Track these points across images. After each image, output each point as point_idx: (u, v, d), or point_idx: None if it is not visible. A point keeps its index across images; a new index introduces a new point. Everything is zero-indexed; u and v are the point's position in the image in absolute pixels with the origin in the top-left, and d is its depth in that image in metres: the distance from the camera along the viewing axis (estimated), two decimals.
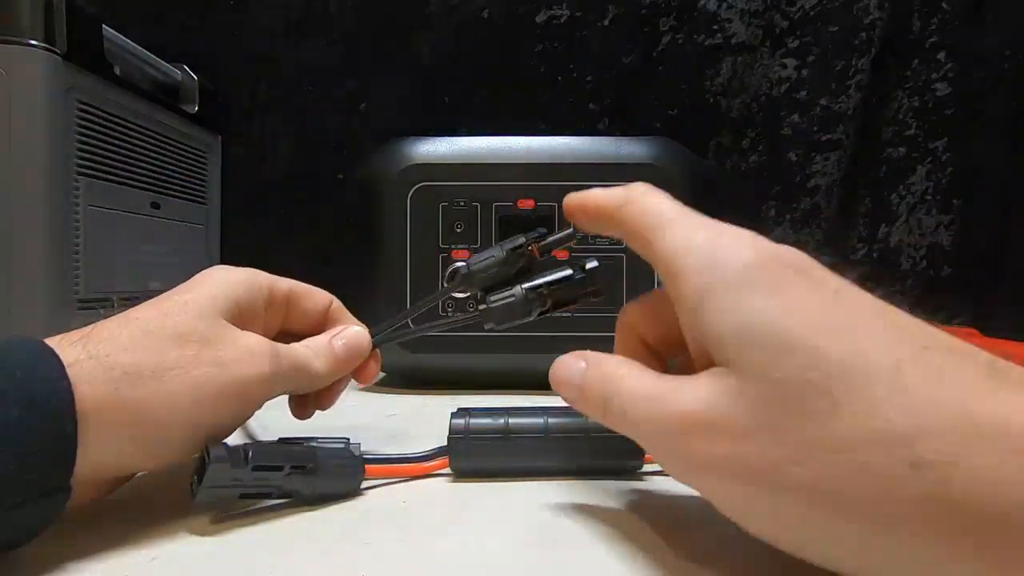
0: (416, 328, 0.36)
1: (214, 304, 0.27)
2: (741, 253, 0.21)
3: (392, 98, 0.76)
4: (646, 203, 0.24)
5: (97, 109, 0.51)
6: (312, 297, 0.33)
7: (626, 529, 0.25)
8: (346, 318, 0.34)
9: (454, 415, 0.31)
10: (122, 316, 0.26)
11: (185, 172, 0.66)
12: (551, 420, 0.31)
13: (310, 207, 0.77)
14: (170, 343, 0.25)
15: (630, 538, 0.24)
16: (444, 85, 0.76)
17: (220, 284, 0.28)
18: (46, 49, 0.46)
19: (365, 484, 0.29)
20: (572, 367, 0.25)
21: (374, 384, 0.57)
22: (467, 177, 0.53)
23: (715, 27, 0.75)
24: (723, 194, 0.74)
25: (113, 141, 0.53)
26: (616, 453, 0.31)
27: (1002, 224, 0.76)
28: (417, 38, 0.76)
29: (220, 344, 0.26)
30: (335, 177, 0.77)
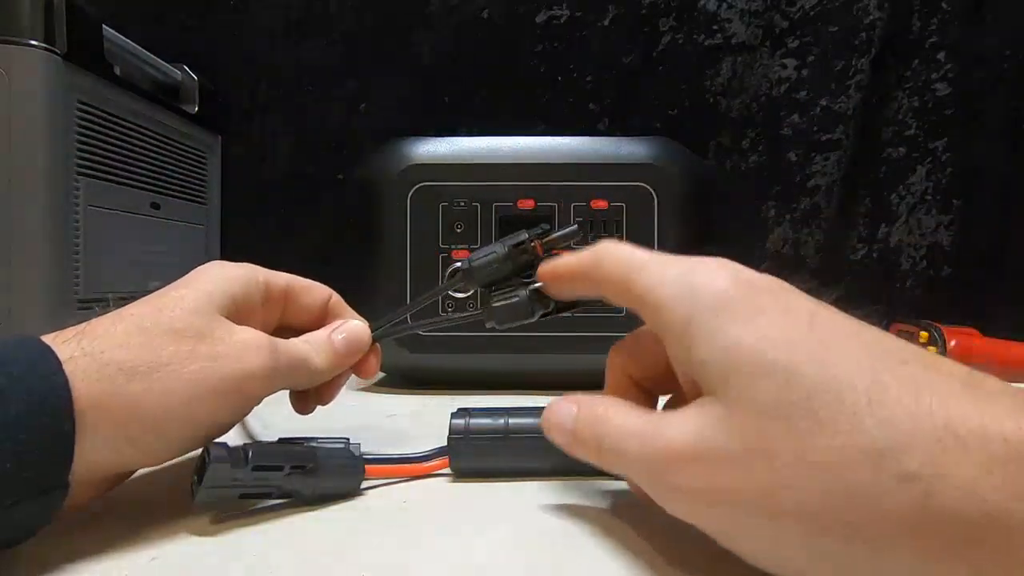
0: (415, 324, 0.36)
1: (210, 300, 0.27)
2: (716, 281, 0.21)
3: (392, 98, 0.76)
4: (618, 254, 0.25)
5: (97, 109, 0.51)
6: (311, 291, 0.32)
7: (626, 529, 0.25)
8: (345, 312, 0.33)
9: (454, 415, 0.31)
10: (116, 313, 0.26)
11: (185, 172, 0.66)
12: None
13: (310, 207, 0.77)
14: (165, 339, 0.25)
15: (629, 538, 0.24)
16: (444, 85, 0.76)
17: (216, 280, 0.28)
18: (46, 49, 0.46)
19: (365, 484, 0.29)
20: (564, 412, 0.25)
21: (374, 384, 0.57)
22: (467, 177, 0.52)
23: (715, 27, 0.75)
24: (723, 194, 0.74)
25: (113, 141, 0.53)
26: None
27: (1002, 224, 0.76)
28: (417, 38, 0.76)
29: (216, 339, 0.26)
30: (335, 177, 0.77)
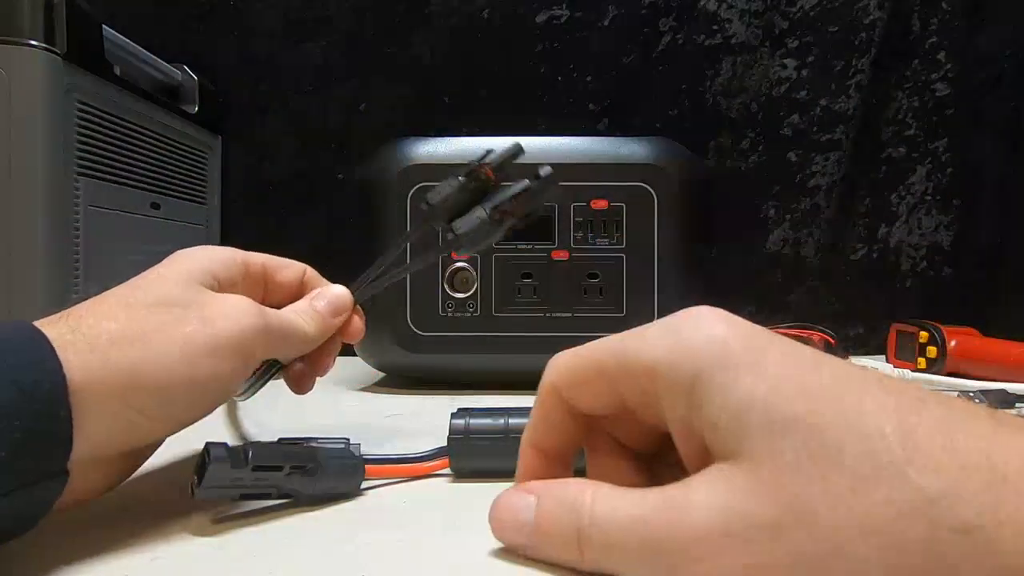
0: (392, 273, 0.36)
1: (191, 275, 0.27)
2: (713, 332, 0.19)
3: (392, 98, 0.76)
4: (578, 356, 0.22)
5: (97, 109, 0.51)
6: (287, 268, 0.33)
7: None
8: (321, 283, 0.34)
9: (454, 415, 0.31)
10: (96, 297, 0.26)
11: (185, 172, 0.66)
12: None
13: (310, 207, 0.77)
14: (151, 310, 0.25)
15: None
16: (444, 85, 0.76)
17: (195, 258, 0.29)
18: (46, 49, 0.46)
19: (365, 484, 0.29)
20: (516, 505, 0.21)
21: (374, 384, 0.57)
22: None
23: (715, 27, 0.75)
24: (723, 194, 0.74)
25: (113, 141, 0.53)
26: None
27: (1002, 224, 0.76)
28: (417, 38, 0.76)
29: (202, 305, 0.26)
30: (335, 177, 0.77)
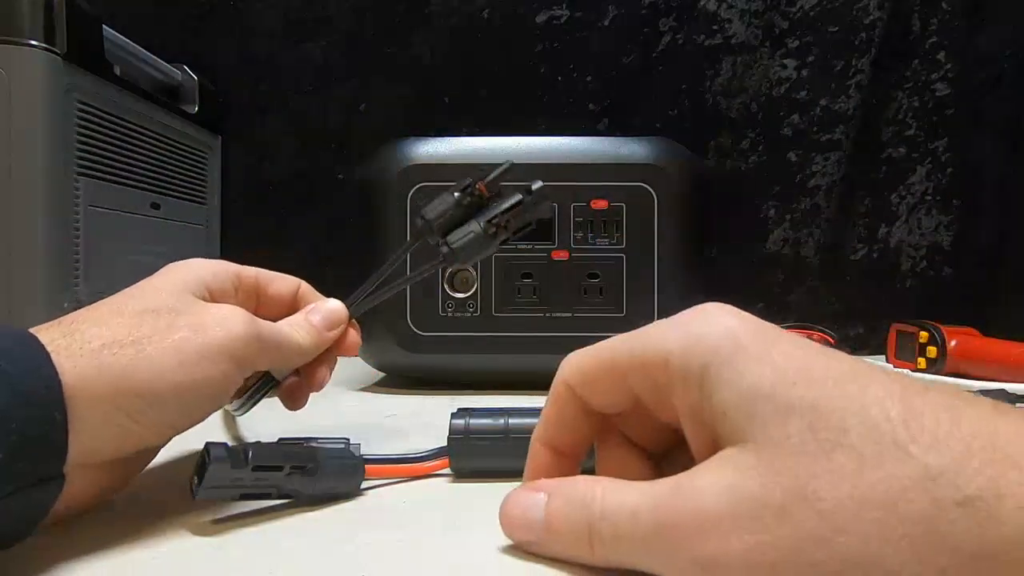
0: (388, 288, 0.36)
1: (184, 285, 0.27)
2: (725, 323, 0.20)
3: (392, 98, 0.76)
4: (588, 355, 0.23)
5: (97, 109, 0.51)
6: (279, 281, 0.33)
7: None
8: (316, 298, 0.34)
9: (454, 415, 0.31)
10: (90, 305, 0.26)
11: (185, 172, 0.66)
12: None
13: (310, 207, 0.77)
14: (143, 317, 0.25)
15: None
16: (444, 85, 0.76)
17: (187, 269, 0.29)
18: (46, 49, 0.46)
19: (365, 484, 0.29)
20: (526, 502, 0.22)
21: (374, 384, 0.57)
22: (467, 177, 0.52)
23: (715, 27, 0.75)
24: (723, 194, 0.74)
25: (113, 141, 0.53)
26: None
27: (1002, 224, 0.76)
28: (417, 38, 0.76)
29: (194, 313, 0.26)
30: (335, 177, 0.77)
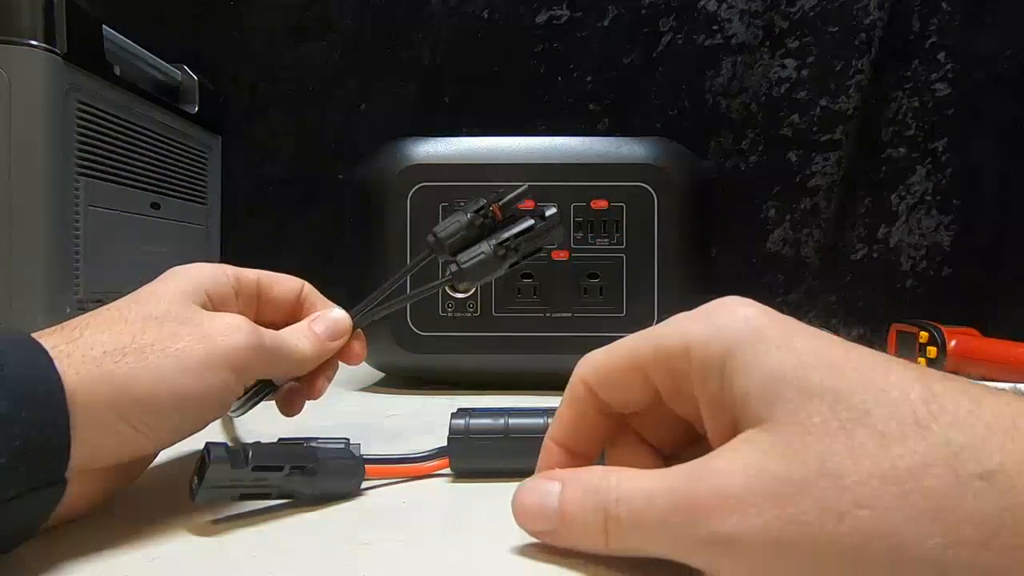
0: (394, 301, 0.36)
1: (185, 294, 0.27)
2: (746, 313, 0.20)
3: (392, 98, 0.76)
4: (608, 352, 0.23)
5: (97, 109, 0.51)
6: (282, 284, 0.33)
7: None
8: (319, 300, 0.34)
9: (454, 415, 0.31)
10: (93, 311, 0.26)
11: (185, 172, 0.66)
12: (551, 420, 0.31)
13: (310, 207, 0.77)
14: (147, 324, 0.25)
15: None
16: (444, 85, 0.76)
17: (189, 276, 0.29)
18: (46, 49, 0.46)
19: (365, 484, 0.29)
20: (542, 491, 0.22)
21: (374, 384, 0.57)
22: (467, 177, 0.52)
23: (715, 27, 0.75)
24: (723, 194, 0.74)
25: (113, 141, 0.53)
26: None
27: (1002, 224, 0.76)
28: (417, 38, 0.76)
29: (197, 323, 0.26)
30: (335, 177, 0.77)
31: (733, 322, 0.20)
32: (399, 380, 0.57)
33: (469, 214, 0.34)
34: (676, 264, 0.53)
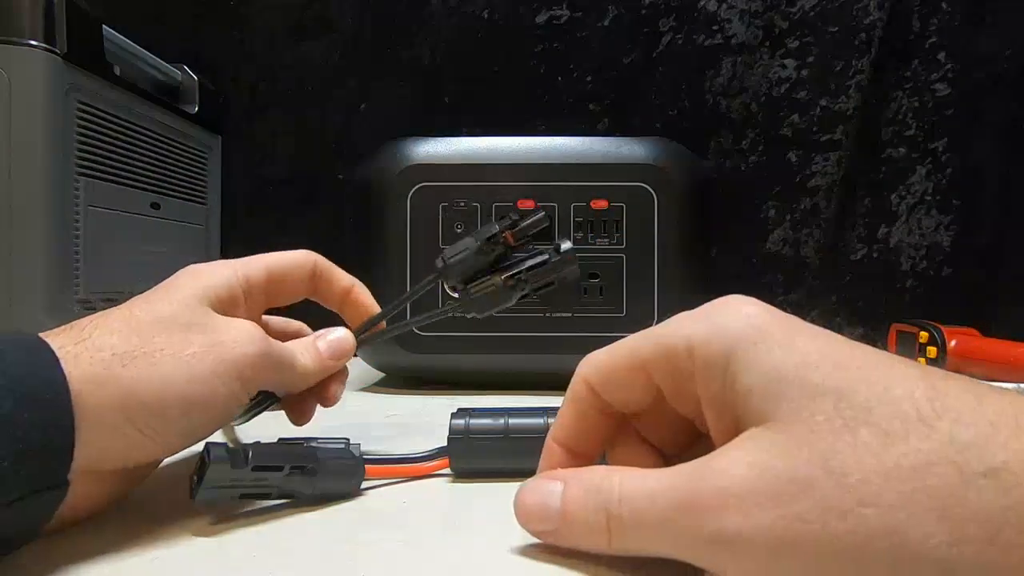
0: (397, 325, 0.35)
1: (195, 296, 0.27)
2: (748, 311, 0.20)
3: (392, 98, 0.76)
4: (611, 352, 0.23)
5: (97, 109, 0.51)
6: (293, 271, 0.32)
7: None
8: (334, 273, 0.33)
9: (454, 415, 0.31)
10: (102, 312, 0.26)
11: (185, 172, 0.66)
12: (551, 420, 0.31)
13: (310, 207, 0.77)
14: (157, 328, 0.25)
15: None
16: (444, 85, 0.76)
17: (199, 277, 0.29)
18: (46, 49, 0.46)
19: (365, 484, 0.29)
20: (543, 490, 0.22)
21: (374, 384, 0.57)
22: (467, 177, 0.52)
23: (715, 27, 0.75)
24: (723, 194, 0.74)
25: (113, 141, 0.53)
26: None
27: (1002, 224, 0.76)
28: (417, 38, 0.76)
29: (209, 328, 0.26)
30: (335, 177, 0.77)
31: (735, 321, 0.20)
32: (399, 380, 0.57)
33: (479, 241, 0.33)
34: (676, 264, 0.53)
